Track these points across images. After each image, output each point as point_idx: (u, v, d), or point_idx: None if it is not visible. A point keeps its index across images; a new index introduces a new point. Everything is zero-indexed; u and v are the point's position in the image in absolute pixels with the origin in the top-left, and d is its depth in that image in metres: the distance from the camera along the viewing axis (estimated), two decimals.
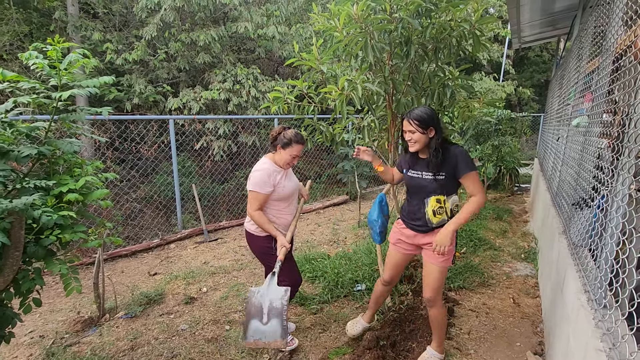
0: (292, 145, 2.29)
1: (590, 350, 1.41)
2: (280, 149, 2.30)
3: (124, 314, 2.93)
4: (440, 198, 2.03)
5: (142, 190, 5.87)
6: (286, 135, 2.29)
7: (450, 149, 2.01)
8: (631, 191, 1.44)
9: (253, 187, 2.24)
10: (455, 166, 1.98)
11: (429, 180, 2.03)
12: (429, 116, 1.98)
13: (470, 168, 1.97)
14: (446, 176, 1.99)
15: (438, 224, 2.04)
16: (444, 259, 2.07)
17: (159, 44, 6.48)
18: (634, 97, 1.44)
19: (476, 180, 1.98)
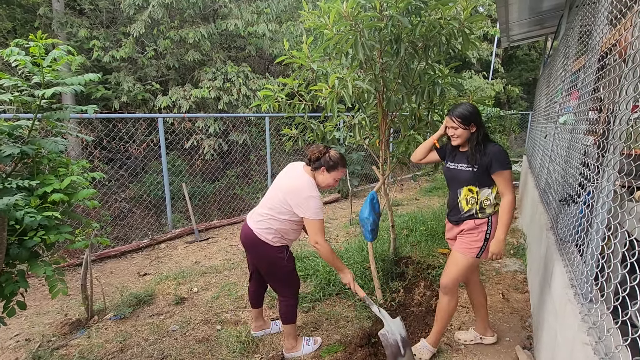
0: (337, 169, 2.22)
1: (577, 344, 1.44)
2: (324, 171, 2.20)
3: (113, 315, 2.89)
4: (472, 188, 2.15)
5: (131, 190, 5.79)
6: (332, 158, 2.19)
7: (488, 146, 2.12)
8: (616, 187, 1.46)
9: (316, 216, 2.08)
10: (489, 162, 2.08)
11: (464, 171, 2.16)
12: (471, 113, 2.10)
13: (503, 167, 2.06)
14: (479, 169, 2.10)
15: (467, 212, 2.16)
16: (468, 248, 2.14)
17: (147, 42, 6.39)
18: (618, 94, 1.46)
19: (507, 179, 2.06)
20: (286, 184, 2.17)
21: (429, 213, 5.37)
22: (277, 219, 2.15)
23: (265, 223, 2.16)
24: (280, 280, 2.30)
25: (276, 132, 6.83)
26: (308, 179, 2.17)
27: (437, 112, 3.20)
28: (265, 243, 2.16)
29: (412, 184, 8.28)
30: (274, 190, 2.21)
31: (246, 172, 7.19)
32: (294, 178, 2.18)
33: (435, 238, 4.35)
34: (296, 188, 2.11)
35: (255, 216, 2.22)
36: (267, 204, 2.19)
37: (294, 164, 2.33)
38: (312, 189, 2.13)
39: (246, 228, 2.22)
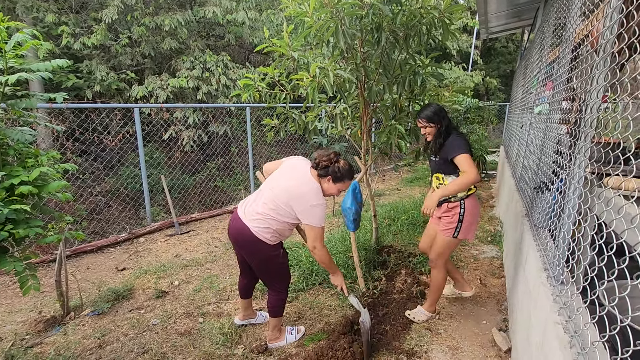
0: (344, 181, 2.17)
1: (549, 324, 1.50)
2: (330, 181, 2.13)
3: (91, 311, 2.81)
4: (439, 176, 2.45)
5: (108, 183, 5.61)
6: (341, 170, 2.13)
7: (448, 138, 2.35)
8: (586, 174, 1.52)
9: (318, 224, 2.04)
10: (447, 151, 2.30)
11: (432, 161, 2.49)
12: (434, 113, 2.36)
13: (456, 152, 2.23)
14: (441, 159, 2.37)
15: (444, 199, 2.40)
16: (446, 230, 2.41)
17: (120, 28, 6.13)
18: (589, 84, 1.51)
19: (465, 160, 2.21)
20: (292, 188, 2.06)
21: (410, 203, 5.46)
22: (277, 220, 2.08)
23: (264, 222, 2.07)
24: (274, 276, 2.27)
25: (257, 123, 6.74)
26: (316, 185, 2.09)
27: (417, 102, 3.23)
28: (263, 242, 2.09)
29: (394, 174, 8.38)
30: (277, 190, 2.09)
31: (227, 164, 7.08)
32: (301, 182, 2.08)
33: (416, 227, 4.43)
34: (303, 194, 2.04)
35: (252, 213, 2.11)
36: (269, 204, 2.08)
37: (296, 161, 2.23)
38: (319, 197, 2.06)
39: (240, 224, 2.11)
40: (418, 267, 3.43)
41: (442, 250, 2.45)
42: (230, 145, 7.12)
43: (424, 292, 3.02)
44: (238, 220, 2.14)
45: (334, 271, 2.27)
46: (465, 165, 2.20)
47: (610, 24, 1.33)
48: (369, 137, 3.19)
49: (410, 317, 2.62)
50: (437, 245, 2.47)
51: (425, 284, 3.15)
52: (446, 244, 2.43)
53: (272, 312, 2.34)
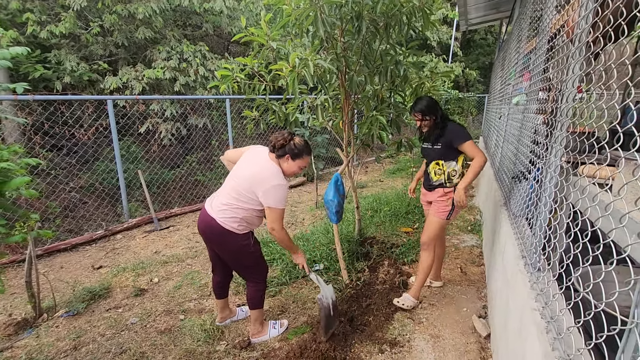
0: (302, 157, 2.17)
1: (526, 310, 1.53)
2: (289, 159, 2.14)
3: (65, 312, 2.71)
4: (439, 162, 2.55)
5: (82, 179, 5.39)
6: (297, 146, 2.13)
7: (447, 125, 2.52)
8: (562, 162, 1.55)
9: (277, 204, 2.05)
10: (450, 140, 2.47)
11: (431, 149, 2.58)
12: (427, 106, 2.50)
13: (463, 139, 2.43)
14: (443, 147, 2.51)
15: (437, 182, 2.57)
16: (440, 212, 2.56)
17: (91, 16, 5.85)
18: (565, 73, 1.52)
19: (471, 146, 2.42)
20: (252, 173, 2.08)
21: (392, 194, 5.50)
22: (242, 208, 2.08)
23: (230, 212, 2.08)
24: (249, 267, 2.27)
25: (238, 115, 6.61)
26: (275, 167, 2.11)
27: (399, 93, 3.23)
28: (231, 232, 2.09)
29: (376, 165, 8.43)
30: (239, 179, 2.10)
31: (208, 157, 6.93)
32: (261, 167, 2.10)
33: (399, 218, 4.47)
34: (264, 177, 2.05)
35: (218, 205, 2.12)
36: (232, 194, 2.09)
37: (256, 149, 2.24)
38: (280, 178, 2.08)
39: (208, 218, 2.11)
40: (400, 257, 3.47)
41: (435, 232, 2.60)
42: (210, 138, 6.96)
43: (406, 282, 3.06)
44: (205, 215, 2.13)
45: (294, 251, 2.30)
46: (473, 151, 2.42)
47: (586, 13, 1.34)
48: (351, 128, 3.16)
49: (399, 305, 2.66)
50: (431, 228, 2.61)
51: (407, 274, 3.19)
52: (439, 226, 2.59)
53: (252, 304, 2.33)
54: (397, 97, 3.28)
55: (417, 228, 4.25)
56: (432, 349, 2.30)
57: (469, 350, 2.29)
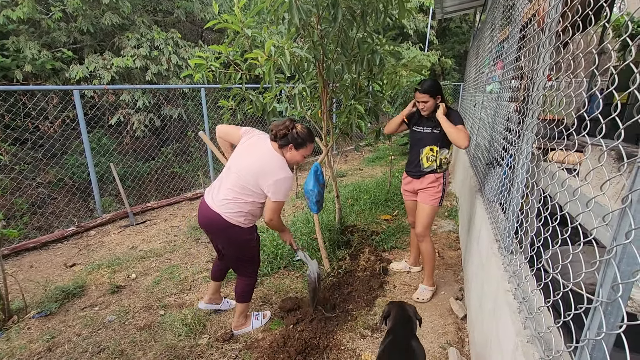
0: (306, 146, 2.11)
1: (500, 291, 1.60)
2: (292, 149, 2.08)
3: (37, 312, 2.60)
4: (433, 148, 2.57)
5: (49, 174, 5.13)
6: (300, 135, 2.06)
7: (449, 110, 2.52)
8: (533, 149, 1.60)
9: (283, 197, 2.02)
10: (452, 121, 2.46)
11: (430, 133, 2.57)
12: (434, 87, 2.51)
13: (461, 121, 2.48)
14: (441, 130, 2.50)
15: (428, 168, 2.58)
16: (432, 199, 2.59)
17: (52, 1, 5.48)
18: (536, 62, 1.56)
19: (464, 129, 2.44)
20: (258, 167, 2.01)
21: (372, 182, 5.56)
22: (247, 201, 2.03)
23: (235, 206, 2.02)
24: (247, 261, 2.25)
25: (214, 105, 6.44)
26: (280, 159, 2.05)
27: (377, 82, 3.23)
28: (237, 226, 2.04)
29: (356, 154, 8.47)
30: (243, 173, 2.02)
31: (184, 148, 6.75)
32: (266, 159, 2.03)
33: (378, 205, 4.53)
34: (270, 170, 2.00)
35: (221, 200, 2.04)
36: (236, 188, 2.02)
37: (257, 138, 2.14)
38: (286, 170, 2.03)
39: (211, 213, 2.04)
40: (381, 244, 3.53)
41: (429, 220, 2.64)
42: (186, 129, 6.77)
43: (386, 268, 3.12)
44: (208, 209, 2.06)
45: (282, 230, 2.29)
46: (464, 131, 2.44)
47: (555, 2, 1.37)
48: (330, 117, 3.15)
49: (419, 301, 2.67)
50: (425, 217, 2.62)
51: (387, 260, 3.25)
52: (433, 214, 2.63)
53: (240, 298, 2.32)
54: (375, 85, 3.29)
55: (397, 215, 4.33)
56: None
57: (447, 332, 2.38)
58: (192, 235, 3.98)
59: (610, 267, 0.77)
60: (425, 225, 2.64)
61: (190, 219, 4.51)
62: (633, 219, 0.72)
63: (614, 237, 0.77)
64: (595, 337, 0.81)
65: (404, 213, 4.41)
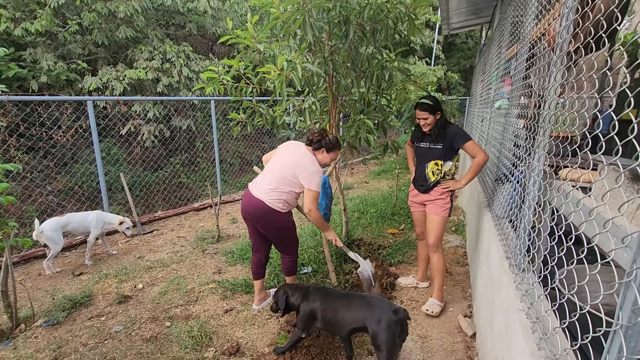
0: (335, 150, 2.52)
1: (512, 310, 1.58)
2: (324, 151, 2.49)
3: (44, 321, 2.61)
4: (438, 162, 2.62)
5: (60, 182, 5.21)
6: (332, 141, 2.49)
7: (448, 127, 2.58)
8: (545, 167, 1.60)
9: (316, 187, 2.38)
10: (451, 140, 2.54)
11: (433, 149, 2.62)
12: (434, 104, 2.54)
13: (465, 139, 2.50)
14: (444, 146, 2.57)
15: (434, 182, 2.63)
16: (442, 210, 2.63)
17: (69, 14, 5.67)
18: (547, 81, 1.58)
19: (473, 146, 2.49)
20: (296, 161, 2.41)
21: (378, 195, 5.56)
22: (285, 191, 2.40)
23: (276, 194, 2.40)
24: (289, 241, 2.63)
25: (223, 117, 6.53)
26: (313, 156, 2.47)
27: (385, 96, 3.26)
28: (277, 211, 2.42)
29: (362, 167, 8.49)
30: (283, 166, 2.42)
31: (192, 159, 6.83)
32: (301, 156, 2.43)
33: (385, 219, 4.52)
34: (306, 164, 2.39)
35: (263, 189, 2.42)
36: (277, 179, 2.41)
37: (292, 143, 2.58)
38: (317, 165, 2.44)
39: (253, 200, 2.42)
40: (388, 259, 3.51)
41: (441, 232, 2.67)
42: (195, 140, 6.85)
43: (393, 284, 3.09)
44: (252, 197, 2.44)
45: (326, 229, 2.61)
46: (475, 149, 2.50)
47: (567, 23, 1.39)
48: (338, 131, 3.18)
49: (428, 312, 2.67)
50: (436, 229, 2.65)
51: (395, 275, 3.22)
52: (443, 225, 2.67)
53: (288, 272, 2.72)
54: (384, 100, 3.32)
55: (403, 229, 4.31)
56: (421, 350, 2.33)
57: (455, 350, 2.34)
58: (198, 246, 3.98)
59: (631, 290, 0.77)
60: (437, 236, 2.66)
61: (197, 230, 4.53)
62: None
63: (634, 260, 0.77)
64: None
65: (411, 227, 4.39)
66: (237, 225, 4.68)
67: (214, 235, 4.21)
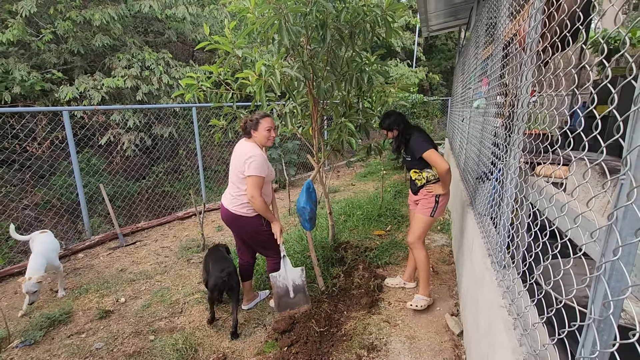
0: (260, 122, 2.45)
1: (494, 307, 1.59)
2: (254, 132, 2.47)
3: (20, 342, 2.50)
4: (416, 170, 2.71)
5: (37, 195, 5.03)
6: (253, 119, 2.47)
7: (410, 139, 2.64)
8: (520, 164, 1.63)
9: (254, 172, 2.34)
10: (413, 152, 2.61)
11: (407, 160, 2.75)
12: (388, 123, 2.69)
13: (422, 150, 2.54)
14: (412, 158, 2.66)
15: (421, 185, 2.72)
16: (425, 209, 2.69)
17: (42, 23, 5.51)
18: (519, 80, 1.61)
19: (431, 155, 2.53)
20: (238, 157, 2.43)
21: (364, 197, 5.57)
22: (243, 189, 2.42)
23: (237, 200, 2.45)
24: (266, 244, 2.61)
25: (205, 124, 6.45)
26: (249, 144, 2.46)
27: (366, 99, 3.28)
28: (244, 217, 2.46)
29: (348, 170, 8.51)
30: (233, 167, 2.47)
31: (175, 167, 6.71)
32: (241, 149, 2.46)
33: (372, 221, 4.53)
34: (243, 153, 2.40)
35: (228, 197, 2.51)
36: (234, 182, 2.46)
37: (239, 142, 2.56)
38: (252, 150, 2.39)
39: (224, 210, 2.53)
40: (375, 260, 3.51)
41: (419, 230, 2.71)
42: (178, 148, 6.75)
43: (381, 285, 3.09)
44: (223, 207, 2.56)
45: (272, 219, 2.56)
46: (432, 159, 2.53)
47: (535, 24, 1.42)
48: (321, 134, 3.18)
49: (413, 307, 2.71)
50: (416, 226, 2.73)
51: (382, 277, 3.22)
52: (423, 223, 2.70)
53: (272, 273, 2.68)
54: (365, 102, 3.34)
55: (390, 230, 4.33)
56: (409, 351, 2.33)
57: (443, 349, 2.35)
58: (183, 256, 3.91)
59: (601, 284, 0.78)
60: (414, 233, 2.72)
61: (181, 239, 4.44)
62: (619, 235, 0.73)
63: (602, 254, 0.78)
64: (590, 355, 0.80)
65: (397, 228, 4.41)
66: (222, 233, 4.62)
67: (199, 244, 4.13)
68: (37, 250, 2.99)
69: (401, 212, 4.80)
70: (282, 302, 2.64)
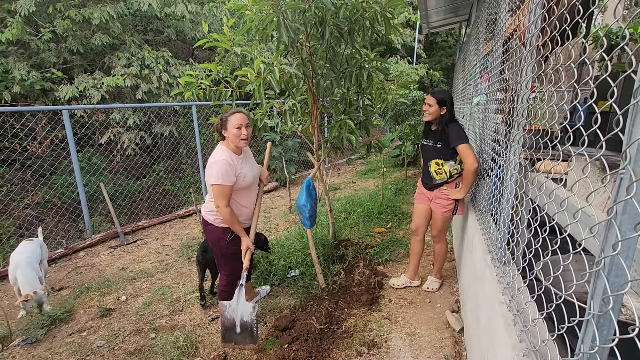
0: (229, 119, 2.24)
1: (495, 303, 1.59)
2: (225, 133, 2.28)
3: (22, 340, 2.51)
4: (438, 161, 2.64)
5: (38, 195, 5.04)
6: (222, 119, 2.29)
7: (450, 125, 2.54)
8: (520, 160, 1.62)
9: (215, 180, 2.16)
10: (448, 138, 2.52)
11: (431, 147, 2.65)
12: (445, 97, 2.53)
13: (460, 141, 2.48)
14: (442, 146, 2.57)
15: (440, 181, 2.66)
16: (445, 211, 2.71)
17: (41, 22, 5.51)
18: (520, 75, 1.60)
19: (466, 149, 2.47)
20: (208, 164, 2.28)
21: (365, 195, 5.57)
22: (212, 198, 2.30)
23: (209, 206, 2.36)
24: (219, 259, 2.47)
25: (206, 122, 6.45)
26: (217, 149, 2.28)
27: (366, 96, 3.27)
28: (210, 223, 2.37)
29: (348, 167, 8.50)
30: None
31: (176, 165, 6.71)
32: (212, 155, 2.29)
33: (372, 218, 4.52)
34: (210, 161, 2.25)
35: (204, 205, 2.43)
36: (209, 189, 2.32)
37: None
38: (217, 155, 2.22)
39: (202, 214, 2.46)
40: (375, 258, 3.51)
41: (443, 226, 2.80)
42: (178, 146, 6.75)
43: (381, 282, 3.09)
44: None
45: (240, 234, 2.36)
46: (466, 153, 2.48)
47: (534, 18, 1.41)
48: (321, 132, 3.17)
49: (429, 290, 2.92)
50: (439, 224, 2.78)
51: (383, 274, 3.22)
52: (446, 221, 2.79)
53: (219, 294, 2.51)
54: (365, 99, 3.33)
55: (390, 228, 4.32)
56: (409, 348, 2.33)
57: (444, 346, 2.35)
58: (184, 254, 3.91)
59: (600, 279, 0.77)
60: (439, 229, 2.81)
61: (182, 237, 4.45)
62: (619, 230, 0.72)
63: (602, 249, 0.78)
64: (589, 350, 0.80)
65: (398, 225, 4.41)
66: None
67: (199, 243, 4.14)
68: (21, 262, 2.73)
69: (402, 210, 4.79)
70: (227, 335, 2.34)
